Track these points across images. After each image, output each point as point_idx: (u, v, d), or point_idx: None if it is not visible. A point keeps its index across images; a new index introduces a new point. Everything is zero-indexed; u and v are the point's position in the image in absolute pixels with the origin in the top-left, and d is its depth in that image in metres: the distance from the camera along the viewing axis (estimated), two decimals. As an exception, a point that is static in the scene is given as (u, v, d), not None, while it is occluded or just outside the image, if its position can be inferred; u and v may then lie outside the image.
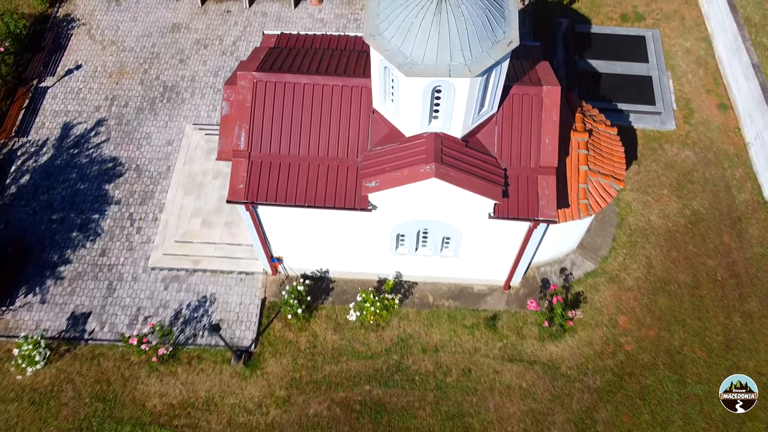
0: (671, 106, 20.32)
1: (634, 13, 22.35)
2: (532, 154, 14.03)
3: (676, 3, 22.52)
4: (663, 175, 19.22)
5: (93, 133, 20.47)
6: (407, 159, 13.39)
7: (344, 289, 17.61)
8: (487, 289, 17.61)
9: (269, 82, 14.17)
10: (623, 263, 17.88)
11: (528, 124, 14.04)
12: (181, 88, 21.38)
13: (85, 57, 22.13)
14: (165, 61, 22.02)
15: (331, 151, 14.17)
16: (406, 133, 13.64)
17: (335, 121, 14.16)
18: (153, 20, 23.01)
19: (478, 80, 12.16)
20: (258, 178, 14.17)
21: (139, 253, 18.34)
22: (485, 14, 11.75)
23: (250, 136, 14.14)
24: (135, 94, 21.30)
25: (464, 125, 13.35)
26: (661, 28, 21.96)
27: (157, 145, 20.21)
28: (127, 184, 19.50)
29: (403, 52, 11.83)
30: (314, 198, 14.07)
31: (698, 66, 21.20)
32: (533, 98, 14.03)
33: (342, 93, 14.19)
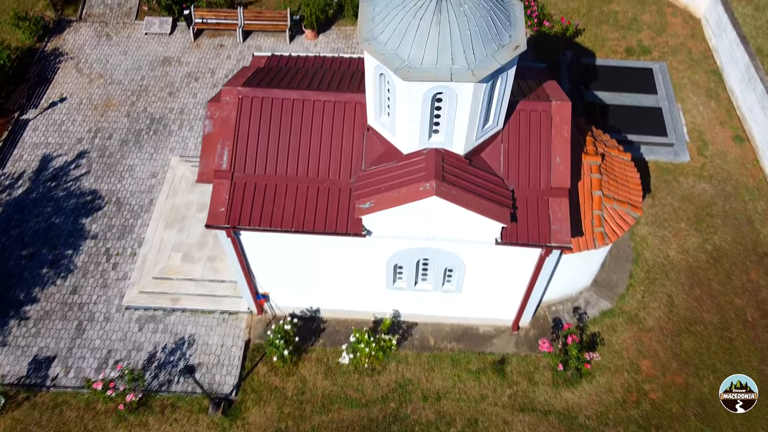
0: (684, 137, 19.28)
1: (640, 47, 21.68)
2: (541, 174, 12.79)
3: (682, 37, 21.89)
4: (679, 209, 17.94)
5: (73, 166, 19.34)
6: (405, 178, 12.13)
7: (336, 329, 16.00)
8: (493, 330, 15.99)
9: (255, 98, 13.09)
10: (642, 302, 16.34)
11: (537, 142, 12.88)
12: (169, 120, 20.42)
13: (71, 90, 21.29)
14: (154, 94, 21.16)
15: (321, 171, 12.94)
16: (403, 150, 12.44)
17: (327, 139, 13.00)
18: (143, 54, 22.33)
19: (482, 87, 11.06)
20: (241, 201, 12.87)
21: (113, 290, 16.82)
22: (489, 16, 10.77)
23: (234, 154, 12.93)
24: (120, 126, 20.31)
25: (467, 140, 12.16)
26: (668, 61, 21.23)
27: (140, 178, 19.03)
28: (106, 217, 18.20)
29: (400, 55, 10.78)
30: (303, 222, 12.73)
31: (709, 98, 20.31)
32: (542, 114, 12.92)
33: (334, 109, 13.08)
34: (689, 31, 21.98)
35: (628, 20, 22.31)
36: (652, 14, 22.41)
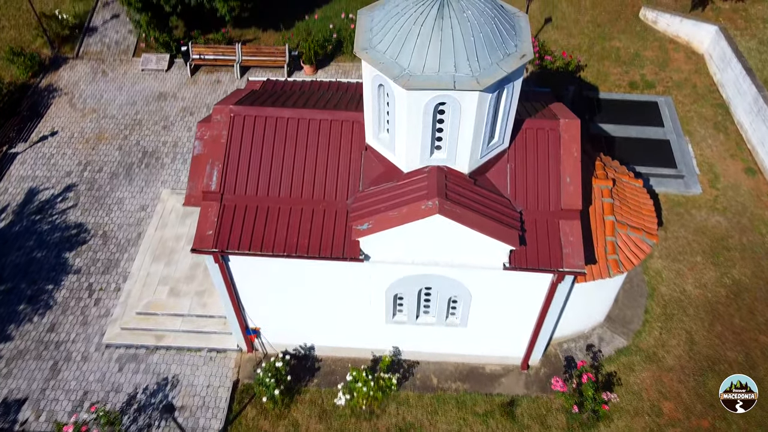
0: (694, 170, 18.62)
1: (643, 81, 21.33)
2: (551, 195, 12.00)
3: (686, 72, 21.57)
4: (694, 242, 17.06)
5: (59, 199, 18.57)
6: (406, 197, 11.33)
7: (332, 368, 14.83)
8: (501, 368, 14.82)
9: (248, 116, 12.45)
10: (660, 339, 15.23)
11: (545, 162, 12.15)
12: (161, 153, 19.80)
13: (62, 124, 20.78)
14: (147, 128, 20.63)
15: (317, 192, 12.15)
16: (404, 168, 11.69)
17: (322, 159, 12.27)
18: (139, 89, 21.95)
19: (487, 97, 10.40)
20: (230, 224, 12.02)
21: (94, 327, 15.73)
22: (494, 23, 10.24)
23: (224, 175, 12.18)
24: (111, 159, 19.68)
25: (472, 158, 11.43)
26: (673, 96, 20.82)
27: (129, 211, 18.24)
28: (91, 251, 17.29)
29: (400, 63, 10.18)
30: (296, 246, 11.83)
31: (717, 131, 19.77)
32: (549, 133, 12.25)
33: (331, 128, 12.42)
34: (693, 66, 21.69)
35: (630, 56, 22.07)
36: (654, 50, 22.20)
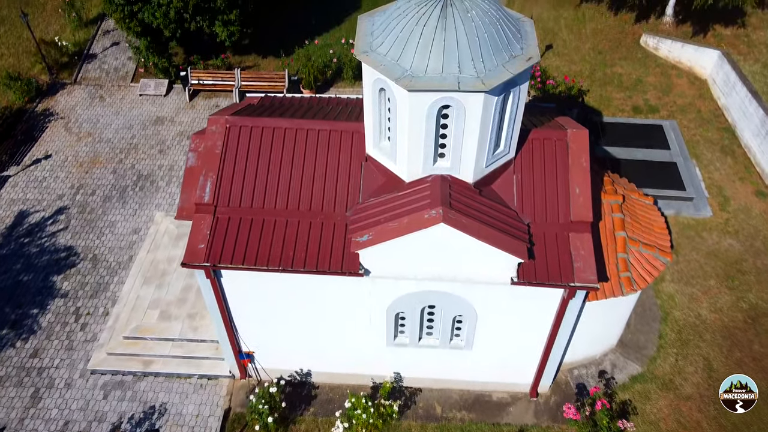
0: (703, 193, 18.13)
1: (647, 106, 21.07)
2: (560, 207, 11.46)
3: (690, 96, 21.34)
4: (706, 265, 16.42)
5: (50, 222, 18.02)
6: (408, 207, 10.78)
7: (330, 396, 13.98)
8: (508, 396, 13.98)
9: (244, 127, 12.01)
10: (676, 365, 14.43)
11: (553, 172, 11.65)
12: (156, 177, 19.35)
13: (57, 147, 20.41)
14: (143, 151, 20.25)
15: (315, 204, 11.60)
16: (405, 178, 11.18)
17: (321, 170, 11.78)
18: (136, 114, 21.67)
19: (493, 100, 9.97)
20: (224, 237, 11.43)
21: (79, 353, 14.95)
22: (499, 24, 9.91)
23: (218, 186, 11.65)
24: (105, 182, 19.21)
25: (477, 167, 10.93)
26: (677, 120, 20.51)
27: (121, 234, 17.65)
28: (79, 275, 16.63)
29: (401, 65, 9.80)
30: (292, 260, 11.21)
31: (725, 154, 19.38)
32: (557, 143, 11.79)
33: (330, 138, 11.97)
34: (696, 91, 21.47)
35: (633, 81, 21.88)
36: (657, 76, 22.03)
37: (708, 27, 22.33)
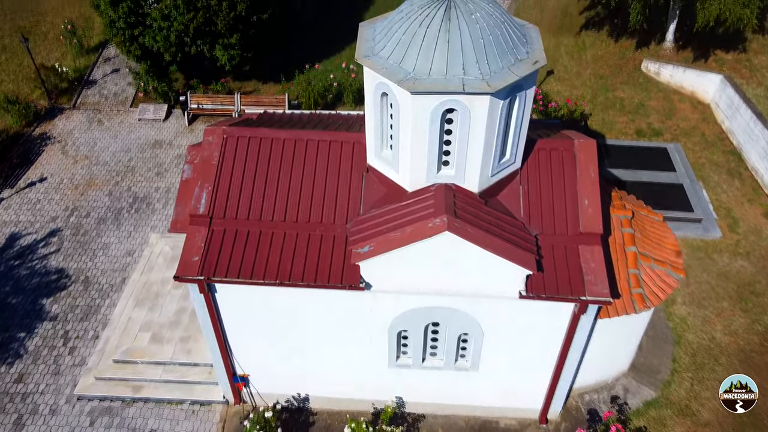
0: (711, 214, 17.73)
1: (650, 129, 20.86)
2: (568, 218, 11.03)
3: (694, 120, 21.16)
4: (718, 287, 15.90)
5: (42, 244, 17.55)
6: (410, 217, 10.35)
7: (328, 422, 13.27)
8: (516, 423, 13.26)
9: (242, 137, 11.68)
10: (692, 390, 13.77)
11: (560, 183, 11.27)
12: (153, 199, 18.97)
13: (53, 170, 20.10)
14: (140, 174, 19.93)
15: (314, 216, 11.17)
16: (408, 187, 10.79)
17: (320, 182, 11.39)
18: (134, 138, 21.44)
19: (499, 104, 9.66)
20: (219, 249, 10.96)
21: (66, 378, 14.29)
22: (504, 27, 9.68)
23: (214, 197, 11.25)
24: (100, 204, 18.82)
25: (482, 175, 10.55)
26: (681, 143, 20.28)
27: (114, 256, 17.17)
28: (70, 297, 16.08)
29: (404, 68, 9.52)
30: (289, 274, 10.72)
31: (731, 177, 19.06)
32: (564, 153, 11.45)
33: (330, 149, 11.63)
34: (699, 115, 21.31)
35: (635, 106, 21.74)
36: (659, 100, 21.90)
37: (709, 52, 22.33)
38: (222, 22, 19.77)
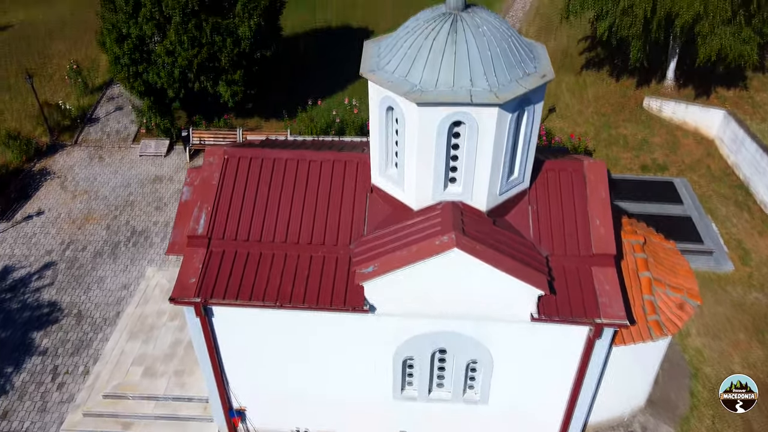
0: (722, 246, 17.32)
1: (655, 164, 20.70)
2: (580, 239, 10.66)
3: (698, 155, 21.02)
4: (734, 318, 15.34)
5: (35, 277, 17.08)
6: (417, 235, 9.98)
7: (328, 461, 12.50)
8: (530, 461, 12.48)
9: (243, 158, 11.45)
10: (714, 428, 13.04)
11: (571, 204, 10.96)
12: (151, 233, 18.60)
13: (50, 204, 19.81)
14: (140, 208, 19.63)
15: (316, 237, 10.80)
16: (414, 206, 10.46)
17: (323, 202, 11.08)
18: (135, 173, 21.25)
19: (507, 117, 9.45)
20: (217, 270, 10.54)
21: (53, 415, 13.58)
22: (511, 41, 9.57)
23: (213, 218, 10.90)
24: (97, 238, 18.44)
25: (490, 193, 10.24)
26: (687, 177, 20.06)
27: (109, 290, 16.67)
28: (61, 331, 15.50)
29: (410, 80, 9.36)
30: (290, 296, 10.26)
31: (740, 210, 18.75)
32: (573, 174, 11.20)
33: (333, 169, 11.37)
34: (704, 150, 21.19)
35: (638, 142, 21.65)
36: (663, 136, 21.84)
37: (710, 89, 22.41)
38: (226, 58, 19.89)
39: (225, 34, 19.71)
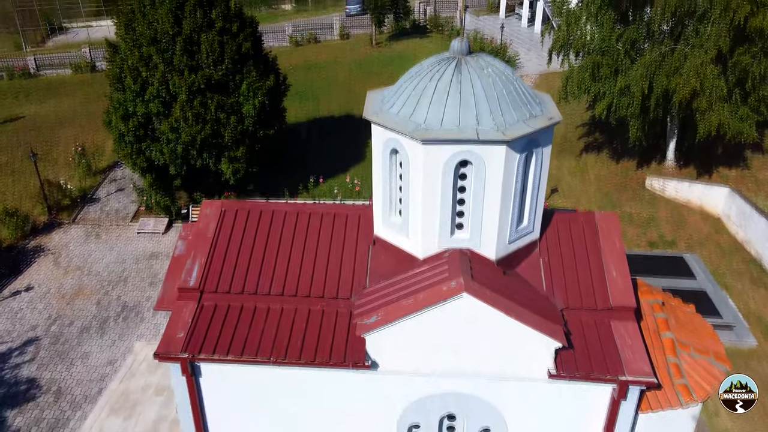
0: (741, 321, 16.49)
1: (663, 241, 20.26)
2: (596, 291, 10.00)
3: (706, 231, 20.63)
4: (765, 398, 14.18)
5: (16, 353, 16.16)
6: (422, 284, 9.34)
7: None
8: None
9: (241, 210, 11.04)
10: None
11: (584, 255, 10.40)
12: (143, 308, 17.84)
13: (41, 280, 19.18)
14: (133, 284, 18.97)
15: (315, 289, 10.14)
16: (419, 255, 9.89)
17: (323, 254, 10.53)
18: (131, 250, 20.79)
19: (515, 157, 9.13)
20: (207, 324, 9.79)
21: (17, 500, 12.21)
22: (516, 84, 9.47)
23: (206, 270, 10.30)
24: (85, 314, 17.65)
25: (499, 240, 9.71)
26: (698, 253, 19.55)
27: (93, 366, 15.69)
28: (37, 409, 14.37)
29: (415, 120, 9.15)
30: (285, 351, 9.45)
31: (755, 285, 18.07)
32: (584, 224, 10.73)
33: (334, 222, 10.91)
34: (711, 227, 20.84)
35: (644, 220, 21.36)
36: (668, 214, 21.57)
37: (711, 169, 22.45)
38: (229, 134, 20.07)
39: (229, 112, 20.01)
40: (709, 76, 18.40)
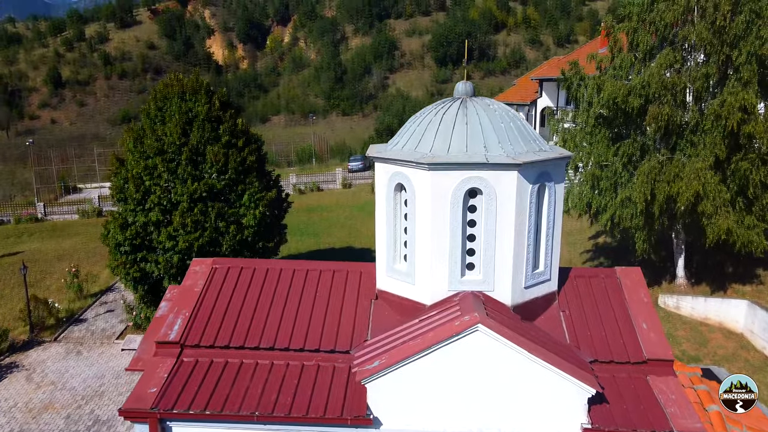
0: (788, 433, 14.63)
1: (686, 356, 18.81)
2: (627, 344, 8.92)
3: (731, 348, 19.24)
4: None
5: (-34, 468, 14.11)
6: (431, 326, 8.31)
7: None
8: None
9: (233, 268, 10.28)
10: None
11: (609, 309, 9.46)
12: (117, 422, 15.98)
13: (8, 395, 17.47)
14: (109, 398, 17.22)
15: (309, 343, 9.05)
16: (427, 300, 8.95)
17: (320, 309, 9.60)
18: (112, 365, 19.24)
19: (528, 187, 8.63)
20: (185, 379, 8.56)
21: None
22: (522, 123, 9.32)
23: (190, 323, 9.28)
24: (52, 428, 15.79)
25: (515, 282, 8.84)
26: (725, 367, 18.02)
27: (50, 481, 13.60)
28: None
29: (420, 150, 8.82)
30: (273, 406, 8.13)
31: (796, 398, 16.38)
32: (606, 280, 9.90)
33: (333, 278, 10.10)
34: (736, 343, 19.49)
35: (662, 336, 20.05)
36: (687, 331, 20.32)
37: (725, 285, 21.62)
38: (227, 243, 19.62)
39: (230, 221, 19.77)
40: (710, 181, 18.43)
